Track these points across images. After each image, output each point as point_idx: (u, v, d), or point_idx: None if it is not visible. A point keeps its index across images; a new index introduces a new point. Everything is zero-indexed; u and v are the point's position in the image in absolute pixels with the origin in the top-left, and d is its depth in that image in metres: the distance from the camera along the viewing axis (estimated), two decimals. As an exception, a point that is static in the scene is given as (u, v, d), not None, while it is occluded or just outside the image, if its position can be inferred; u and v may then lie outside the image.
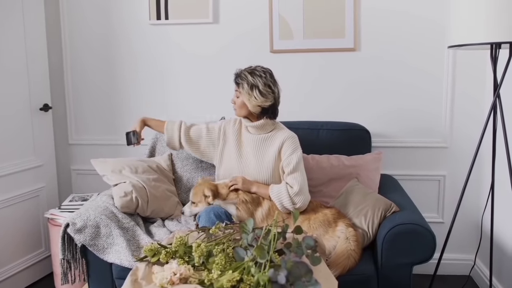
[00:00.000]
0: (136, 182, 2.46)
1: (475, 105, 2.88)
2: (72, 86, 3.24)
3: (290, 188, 2.26)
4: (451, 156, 2.95)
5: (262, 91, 2.27)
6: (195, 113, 3.11)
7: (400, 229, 2.02)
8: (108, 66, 3.19)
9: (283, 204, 2.25)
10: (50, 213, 2.76)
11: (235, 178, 2.35)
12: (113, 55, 3.18)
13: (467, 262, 2.96)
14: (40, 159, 3.04)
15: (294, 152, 2.33)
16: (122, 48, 3.16)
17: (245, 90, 2.28)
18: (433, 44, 2.87)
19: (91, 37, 3.18)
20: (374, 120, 2.97)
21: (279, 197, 2.25)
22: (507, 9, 1.95)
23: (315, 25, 2.92)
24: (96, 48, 3.19)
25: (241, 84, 2.30)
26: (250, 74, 2.29)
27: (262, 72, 2.30)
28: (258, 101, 2.29)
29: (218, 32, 3.05)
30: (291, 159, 2.31)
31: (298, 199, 2.25)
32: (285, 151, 2.33)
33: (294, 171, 2.30)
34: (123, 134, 3.22)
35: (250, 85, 2.27)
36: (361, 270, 2.05)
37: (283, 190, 2.26)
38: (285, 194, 2.24)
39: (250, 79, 2.28)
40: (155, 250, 1.64)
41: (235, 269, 1.43)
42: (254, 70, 2.31)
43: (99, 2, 3.14)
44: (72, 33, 3.20)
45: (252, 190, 2.32)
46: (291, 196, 2.24)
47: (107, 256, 2.19)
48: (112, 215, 2.29)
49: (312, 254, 1.60)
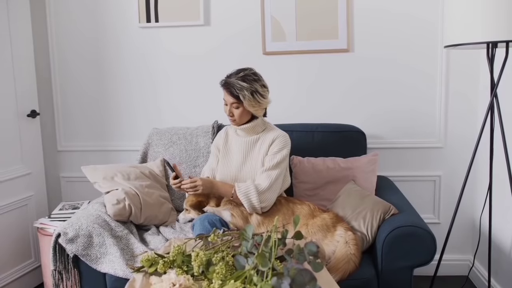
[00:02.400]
0: (129, 189, 2.40)
1: (469, 105, 2.87)
2: (60, 91, 3.17)
3: (259, 185, 2.19)
4: (447, 156, 2.93)
5: (262, 93, 2.23)
6: (187, 117, 3.06)
7: (400, 231, 1.99)
8: (97, 71, 3.12)
9: (252, 202, 2.17)
10: (40, 222, 2.68)
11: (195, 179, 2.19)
12: (102, 59, 3.11)
13: (465, 262, 2.95)
14: (28, 167, 2.96)
15: (280, 151, 2.28)
16: (112, 52, 3.10)
17: (247, 99, 2.18)
18: (426, 44, 2.85)
19: (79, 41, 3.11)
20: (369, 121, 2.95)
21: (247, 195, 2.18)
22: (503, 8, 1.93)
23: (308, 27, 2.89)
24: (85, 52, 3.12)
25: (241, 95, 2.17)
26: (243, 81, 2.19)
27: (252, 74, 2.22)
28: (263, 104, 2.25)
29: (209, 35, 3.01)
30: (274, 156, 2.26)
31: (264, 197, 2.18)
32: (273, 148, 2.29)
33: (272, 169, 2.24)
34: (113, 140, 3.16)
35: (250, 91, 2.18)
36: (362, 274, 2.01)
37: (251, 188, 2.18)
38: (253, 192, 2.17)
39: (247, 86, 2.18)
40: (152, 260, 1.58)
41: (236, 278, 1.38)
42: (245, 75, 2.20)
43: (87, 6, 3.07)
44: (60, 37, 3.12)
45: (213, 191, 2.24)
46: (259, 192, 2.17)
47: (100, 266, 2.12)
48: (105, 224, 2.23)
49: (314, 260, 1.56)
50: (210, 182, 2.25)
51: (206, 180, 2.23)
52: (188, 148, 2.75)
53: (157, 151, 2.78)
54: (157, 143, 2.80)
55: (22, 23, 2.91)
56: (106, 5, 3.05)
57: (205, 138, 2.76)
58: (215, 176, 2.41)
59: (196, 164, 2.73)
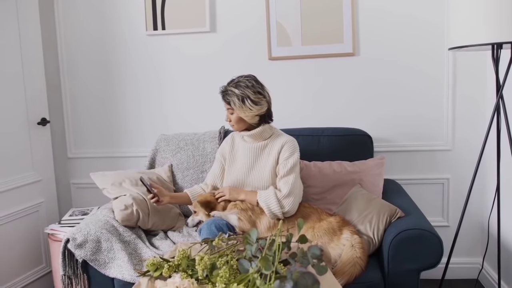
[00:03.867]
0: (137, 195, 2.43)
1: (477, 107, 2.86)
2: (70, 99, 3.22)
3: (279, 192, 2.22)
4: (455, 158, 2.92)
5: (254, 99, 2.24)
6: (194, 123, 3.09)
7: (406, 234, 1.99)
8: (105, 78, 3.17)
9: (271, 209, 2.20)
10: (50, 229, 2.72)
11: (222, 189, 2.33)
12: (110, 67, 3.16)
13: (475, 265, 2.92)
14: (39, 174, 3.00)
15: (291, 156, 2.30)
16: (120, 59, 3.14)
17: (237, 105, 2.23)
18: (432, 46, 2.85)
19: (88, 49, 3.16)
20: (375, 124, 2.95)
21: (267, 202, 2.21)
22: (507, 9, 1.93)
23: (313, 31, 2.90)
24: (94, 61, 3.17)
25: (231, 101, 2.24)
26: (235, 87, 2.24)
27: (246, 81, 2.26)
28: (253, 111, 2.25)
29: (215, 41, 3.04)
30: (287, 162, 2.28)
31: (286, 201, 2.21)
32: (283, 154, 2.31)
33: (288, 174, 2.27)
34: (122, 146, 3.20)
35: (241, 98, 2.22)
36: (368, 277, 2.01)
37: (271, 194, 2.21)
38: (273, 198, 2.20)
39: (238, 92, 2.23)
40: (158, 264, 1.60)
41: (239, 282, 1.39)
42: (238, 82, 2.26)
43: (95, 15, 3.12)
44: (69, 46, 3.18)
45: (240, 198, 2.29)
46: (279, 199, 2.20)
47: (108, 271, 2.15)
48: (113, 229, 2.26)
49: (318, 264, 1.56)
50: (236, 189, 2.32)
51: (232, 187, 2.33)
52: (195, 154, 2.77)
53: (164, 157, 2.81)
54: (164, 149, 2.83)
55: (32, 33, 2.96)
56: (114, 14, 3.10)
57: (212, 143, 2.78)
58: (218, 184, 2.46)
59: (203, 169, 2.75)
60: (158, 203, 2.28)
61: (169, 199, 2.32)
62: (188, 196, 2.40)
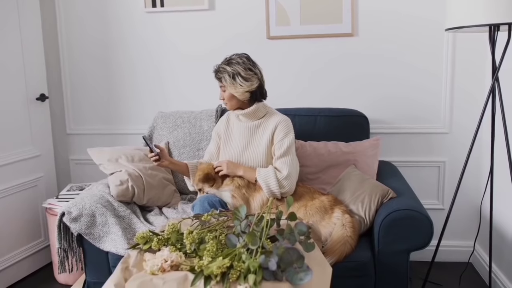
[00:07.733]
0: (132, 171, 2.45)
1: (475, 90, 2.84)
2: (69, 75, 3.22)
3: (279, 173, 2.25)
4: (452, 142, 2.91)
5: (245, 76, 2.26)
6: (193, 101, 3.09)
7: (397, 215, 2.00)
8: (105, 55, 3.17)
9: (270, 188, 2.22)
10: (48, 203, 2.77)
11: (221, 162, 2.34)
12: (109, 43, 3.15)
13: (467, 248, 2.94)
14: (38, 149, 3.03)
15: (286, 136, 2.31)
16: (119, 36, 3.13)
17: (228, 81, 2.27)
18: (432, 27, 2.82)
19: (87, 26, 3.15)
20: (372, 105, 2.94)
21: (266, 181, 2.23)
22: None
23: (312, 11, 2.87)
24: (93, 37, 3.16)
25: (222, 77, 2.29)
26: (227, 65, 2.29)
27: (238, 58, 2.29)
28: (244, 87, 2.27)
29: (214, 19, 3.02)
30: (282, 143, 2.30)
31: (286, 182, 2.23)
32: (278, 135, 2.32)
33: (285, 155, 2.29)
34: (121, 123, 3.21)
35: (231, 74, 2.26)
36: (358, 256, 2.03)
37: (271, 174, 2.23)
38: (272, 178, 2.22)
39: (229, 69, 2.27)
40: (147, 237, 1.63)
41: (226, 256, 1.42)
42: (230, 59, 2.31)
43: (94, -10, 3.11)
44: (69, 22, 3.17)
45: (238, 173, 2.31)
46: (279, 179, 2.22)
47: (103, 245, 2.19)
48: (108, 204, 2.29)
49: (306, 241, 1.59)
50: (235, 164, 2.33)
51: (231, 162, 2.33)
52: (192, 132, 2.78)
53: (161, 134, 2.83)
54: (161, 126, 2.84)
55: (31, 6, 2.96)
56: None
57: (208, 121, 2.79)
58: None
59: (199, 147, 2.76)
60: (158, 163, 2.30)
61: (169, 163, 2.35)
62: (186, 166, 2.42)
